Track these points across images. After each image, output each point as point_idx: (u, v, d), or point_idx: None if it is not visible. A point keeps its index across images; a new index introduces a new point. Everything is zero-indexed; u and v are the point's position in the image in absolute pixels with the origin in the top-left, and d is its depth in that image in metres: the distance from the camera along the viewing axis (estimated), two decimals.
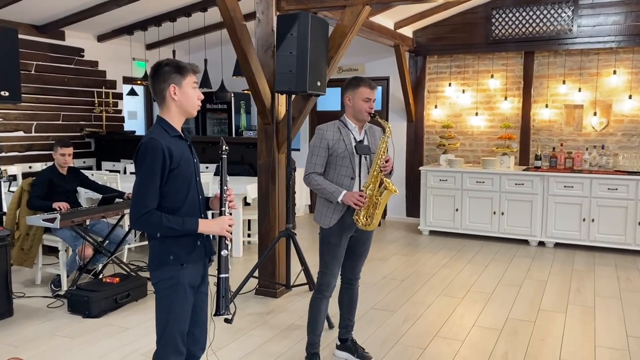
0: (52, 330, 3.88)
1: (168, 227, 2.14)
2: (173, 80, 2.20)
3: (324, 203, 3.15)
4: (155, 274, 2.24)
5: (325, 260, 3.17)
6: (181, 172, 2.19)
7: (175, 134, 2.23)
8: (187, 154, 2.25)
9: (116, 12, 6.49)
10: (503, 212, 6.69)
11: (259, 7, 4.51)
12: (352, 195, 3.02)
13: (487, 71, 7.37)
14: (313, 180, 3.10)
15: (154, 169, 2.11)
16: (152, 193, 2.12)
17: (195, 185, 2.29)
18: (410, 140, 7.86)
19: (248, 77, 4.34)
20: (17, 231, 4.77)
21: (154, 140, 2.13)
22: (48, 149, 7.07)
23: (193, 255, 2.24)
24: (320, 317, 3.24)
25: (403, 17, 6.83)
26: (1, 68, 4.83)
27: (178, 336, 2.26)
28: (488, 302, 4.56)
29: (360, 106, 3.09)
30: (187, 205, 2.23)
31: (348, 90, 3.14)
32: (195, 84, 2.25)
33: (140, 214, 2.11)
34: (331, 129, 3.12)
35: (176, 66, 2.21)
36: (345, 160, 3.09)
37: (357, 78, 3.17)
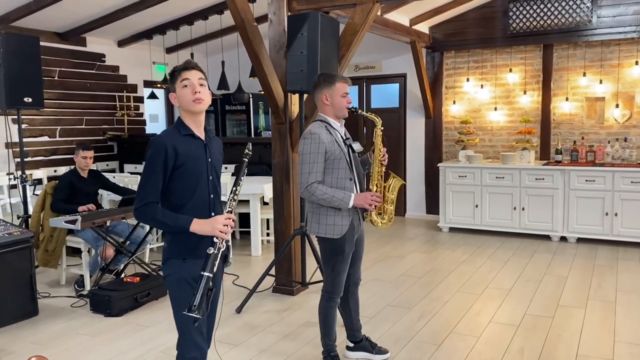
0: (74, 329, 3.99)
1: (161, 222, 2.22)
2: (171, 87, 2.32)
3: (327, 212, 2.97)
4: (163, 268, 2.34)
5: (339, 270, 3.05)
6: (187, 170, 2.24)
7: (187, 132, 2.29)
8: (197, 153, 2.29)
9: (135, 17, 6.62)
10: (524, 207, 6.60)
11: (270, 8, 4.55)
12: (364, 197, 2.92)
13: (506, 65, 7.28)
14: (317, 191, 2.89)
15: (153, 165, 2.21)
16: (151, 187, 2.21)
17: (206, 183, 2.32)
18: (429, 136, 7.82)
19: (261, 77, 4.39)
20: (42, 233, 4.91)
21: (158, 138, 2.24)
22: (72, 153, 7.19)
23: (198, 251, 2.25)
24: (334, 323, 3.20)
25: (418, 13, 6.80)
26: (24, 75, 5.02)
27: (197, 333, 2.30)
28: (506, 298, 4.52)
29: (340, 102, 2.99)
30: (193, 203, 2.28)
31: (323, 88, 3.00)
32: (186, 81, 2.25)
33: (137, 205, 2.22)
34: (323, 131, 2.95)
35: (170, 74, 2.33)
36: (342, 161, 2.96)
37: (329, 74, 3.07)
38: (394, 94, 8.05)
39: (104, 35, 7.44)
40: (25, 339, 3.81)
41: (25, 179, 5.14)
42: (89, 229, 4.50)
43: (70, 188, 4.81)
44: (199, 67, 2.32)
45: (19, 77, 4.95)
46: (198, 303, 2.09)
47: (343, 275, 3.09)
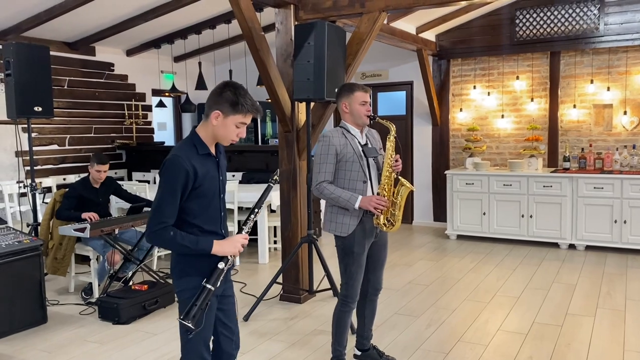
0: (83, 337, 4.01)
1: (181, 245, 2.16)
2: (222, 107, 2.18)
3: (338, 210, 3.10)
4: (178, 283, 2.27)
5: (351, 271, 3.10)
6: (203, 190, 2.22)
7: (205, 152, 2.23)
8: (212, 172, 2.26)
9: (144, 26, 6.69)
10: (532, 215, 6.58)
11: (277, 17, 4.59)
12: (369, 200, 3.00)
13: (513, 73, 7.28)
14: (325, 190, 3.05)
15: (174, 187, 2.13)
16: (170, 209, 2.14)
17: (217, 202, 2.31)
18: (436, 144, 7.82)
19: (268, 86, 4.42)
20: (51, 241, 4.95)
21: (178, 159, 2.14)
22: (81, 161, 7.32)
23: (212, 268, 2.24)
24: (347, 329, 3.22)
25: (425, 21, 6.82)
26: (35, 85, 5.07)
27: (202, 344, 2.29)
28: (514, 306, 4.50)
29: (359, 110, 3.10)
30: (206, 221, 2.26)
31: (343, 97, 3.14)
32: (242, 124, 2.22)
33: (154, 228, 2.14)
34: (336, 134, 3.10)
35: (235, 96, 2.18)
36: (355, 164, 3.08)
37: (349, 84, 3.19)
38: (400, 102, 8.07)
39: (113, 44, 7.51)
40: (35, 347, 3.83)
41: (35, 187, 5.18)
42: (97, 236, 4.53)
43: (78, 199, 4.83)
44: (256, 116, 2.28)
45: (30, 86, 5.00)
46: (194, 313, 2.08)
47: (357, 279, 3.13)
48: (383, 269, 3.34)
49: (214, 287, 2.16)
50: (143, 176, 7.45)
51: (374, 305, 3.39)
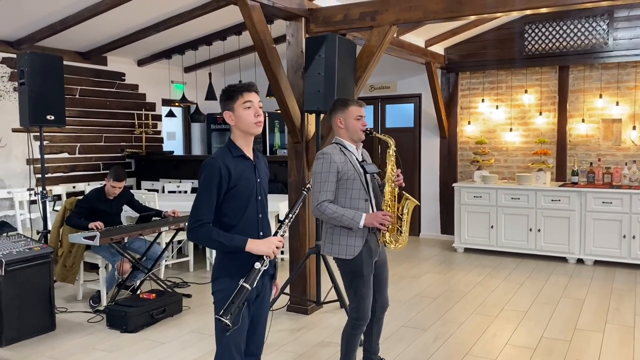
0: (91, 344, 4.03)
1: (216, 241, 2.24)
2: (227, 106, 2.33)
3: (340, 232, 2.97)
4: (213, 284, 2.35)
5: (362, 294, 2.99)
6: (239, 191, 2.29)
7: (238, 154, 2.33)
8: (248, 174, 2.34)
9: (155, 37, 6.77)
10: (540, 229, 6.56)
11: (289, 30, 4.64)
12: (375, 216, 2.90)
13: (521, 86, 7.30)
14: (327, 210, 2.89)
15: (209, 186, 2.24)
16: (206, 208, 2.24)
17: (255, 204, 2.36)
18: (444, 156, 7.83)
19: (278, 97, 4.46)
20: (61, 248, 4.99)
21: (212, 160, 2.26)
22: (91, 169, 7.38)
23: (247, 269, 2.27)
24: (356, 349, 3.16)
25: (434, 34, 6.87)
26: (48, 93, 5.13)
27: (234, 348, 2.32)
28: (522, 321, 4.48)
29: (355, 125, 3.03)
30: (243, 223, 2.32)
31: (337, 112, 3.06)
32: (248, 102, 2.29)
33: (192, 226, 2.25)
34: (336, 151, 2.98)
35: (227, 92, 2.33)
36: (356, 182, 2.97)
37: (343, 99, 3.14)
38: (409, 114, 8.09)
39: (125, 54, 7.59)
40: (43, 354, 3.85)
41: (46, 195, 5.23)
42: (107, 245, 4.56)
43: (90, 209, 4.87)
44: (258, 90, 2.36)
45: (43, 95, 5.06)
46: (232, 311, 2.12)
47: (368, 301, 3.04)
48: (387, 287, 3.29)
49: (251, 287, 2.20)
50: (152, 185, 7.49)
51: (381, 322, 3.36)
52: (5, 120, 6.32)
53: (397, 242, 3.07)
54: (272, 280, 2.50)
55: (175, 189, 7.26)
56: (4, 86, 6.35)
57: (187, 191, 7.23)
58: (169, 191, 7.23)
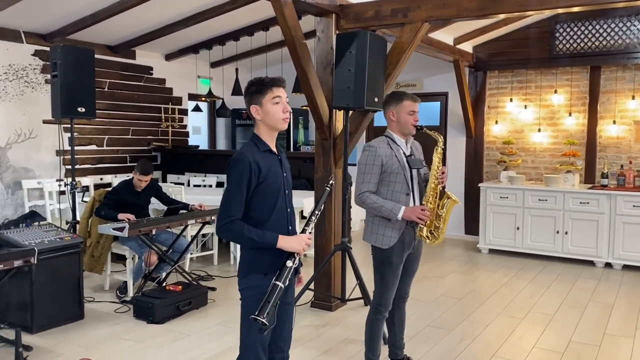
0: (119, 334, 4.08)
1: (248, 238, 2.22)
2: (254, 100, 2.30)
3: (380, 222, 3.07)
4: (241, 281, 2.34)
5: (387, 281, 3.09)
6: (268, 186, 2.28)
7: (265, 148, 2.32)
8: (275, 168, 2.33)
9: (183, 32, 6.81)
10: (567, 231, 6.45)
11: (319, 26, 4.63)
12: (413, 210, 2.97)
13: (551, 86, 7.18)
14: (368, 200, 3.01)
15: (239, 181, 2.22)
16: (237, 203, 2.23)
17: (283, 198, 2.36)
18: (470, 156, 7.75)
19: (307, 93, 4.45)
20: (89, 239, 5.06)
21: (242, 155, 2.25)
22: (118, 162, 7.47)
23: (277, 266, 2.27)
24: (380, 338, 3.21)
25: (463, 32, 6.79)
26: (79, 86, 5.20)
27: (259, 345, 2.32)
28: (550, 324, 4.41)
29: (406, 120, 3.08)
30: (274, 217, 2.31)
31: (391, 105, 3.12)
32: (277, 98, 2.28)
33: (223, 222, 2.23)
34: (382, 145, 3.06)
35: (255, 85, 2.30)
36: (400, 176, 3.04)
37: (398, 92, 3.16)
38: (434, 113, 8.03)
39: (153, 49, 7.66)
40: (73, 342, 3.92)
41: (75, 186, 5.30)
42: (135, 236, 4.61)
43: (118, 201, 4.93)
44: (286, 85, 2.36)
45: (74, 87, 5.13)
46: (268, 310, 2.12)
47: (392, 289, 3.12)
48: (412, 279, 3.34)
49: (284, 285, 2.20)
50: (178, 179, 7.55)
51: (403, 312, 3.38)
52: (36, 111, 6.42)
53: (434, 237, 3.08)
54: (296, 274, 2.49)
55: (200, 183, 7.31)
56: (35, 78, 6.45)
57: (212, 185, 7.28)
58: (194, 185, 7.29)
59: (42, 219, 5.83)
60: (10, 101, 6.19)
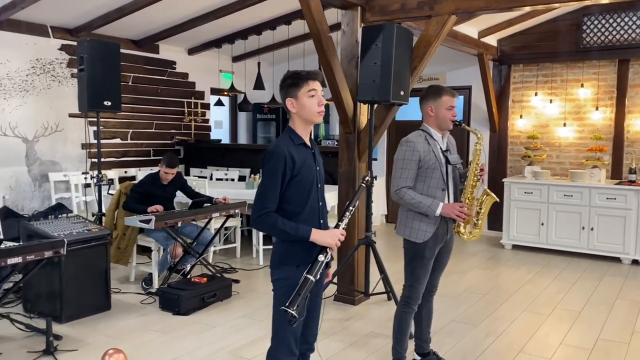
0: (146, 325, 4.13)
1: (282, 230, 2.24)
2: (289, 93, 2.30)
3: (414, 216, 3.04)
4: (273, 272, 2.36)
5: (418, 275, 3.09)
6: (302, 179, 2.29)
7: (300, 142, 2.33)
8: (309, 161, 2.34)
9: (206, 26, 6.85)
10: (593, 227, 6.35)
11: (344, 19, 4.61)
12: (452, 207, 2.95)
13: (577, 80, 7.06)
14: (406, 195, 2.99)
15: (275, 174, 2.23)
16: (272, 196, 2.24)
17: (316, 192, 2.37)
18: (494, 151, 7.66)
19: (332, 87, 4.43)
20: (115, 231, 5.12)
21: (277, 147, 2.25)
22: (142, 155, 7.55)
23: (311, 259, 2.28)
24: (408, 331, 3.21)
25: (488, 25, 6.71)
26: (105, 80, 5.25)
27: (291, 336, 2.34)
28: (576, 321, 4.36)
29: (445, 115, 3.05)
30: (307, 210, 2.33)
31: (429, 99, 3.08)
32: (313, 91, 2.28)
33: (258, 214, 2.25)
34: (420, 140, 3.03)
35: (291, 78, 2.30)
36: (436, 171, 3.01)
37: (437, 87, 3.13)
38: (457, 107, 7.85)
39: (176, 43, 7.71)
40: (101, 332, 3.98)
41: (101, 179, 5.37)
42: (160, 229, 4.66)
43: (145, 194, 4.98)
44: (321, 78, 2.36)
45: (101, 81, 5.18)
46: (299, 303, 2.13)
47: (422, 282, 3.11)
48: (442, 273, 3.33)
49: (315, 279, 2.20)
50: (200, 172, 7.61)
51: (430, 306, 3.37)
52: (62, 105, 6.52)
53: (471, 234, 3.07)
54: (326, 268, 2.49)
55: (222, 176, 7.35)
56: (62, 72, 6.54)
57: (234, 179, 7.32)
58: (217, 178, 7.33)
59: (68, 211, 5.93)
60: (38, 95, 6.29)
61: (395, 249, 6.67)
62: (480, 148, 3.12)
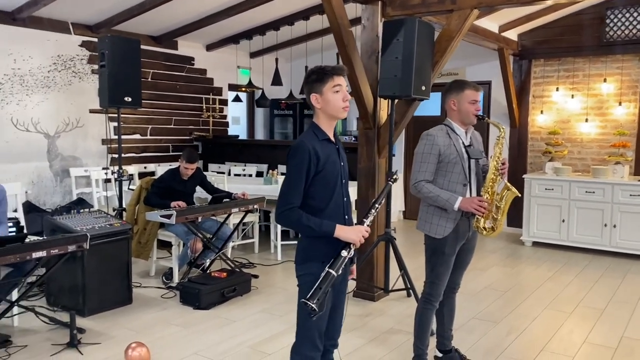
0: (167, 319, 4.16)
1: (306, 226, 2.23)
2: (314, 88, 2.29)
3: (434, 212, 3.02)
4: (299, 268, 2.35)
5: (438, 271, 3.06)
6: (326, 174, 2.28)
7: (324, 137, 2.31)
8: (333, 157, 2.33)
9: (224, 22, 6.85)
10: (615, 224, 6.25)
11: (364, 13, 4.58)
12: (471, 201, 2.91)
13: (599, 75, 6.94)
14: (424, 188, 2.96)
15: (299, 169, 2.22)
16: (296, 191, 2.23)
17: (340, 187, 2.36)
18: (514, 146, 7.58)
19: (352, 82, 4.41)
20: (136, 226, 5.16)
21: (302, 143, 2.24)
22: (161, 151, 7.60)
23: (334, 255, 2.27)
24: (429, 328, 3.19)
25: (509, 20, 6.62)
26: (126, 76, 5.29)
27: (316, 331, 2.33)
28: (600, 319, 4.29)
29: (468, 109, 3.01)
30: (332, 206, 2.31)
31: (452, 93, 3.05)
32: (338, 86, 2.27)
33: (282, 209, 2.24)
34: (441, 134, 3.00)
35: (316, 74, 2.29)
36: (457, 166, 2.97)
37: (460, 81, 3.10)
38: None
39: (194, 39, 7.74)
40: (123, 326, 4.01)
41: (122, 174, 5.42)
42: (181, 223, 4.69)
43: (166, 189, 5.01)
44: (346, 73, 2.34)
45: (121, 77, 5.22)
46: (319, 296, 2.12)
47: (443, 279, 3.09)
48: (464, 271, 3.30)
49: (337, 274, 2.19)
50: (219, 168, 7.64)
51: (452, 303, 3.34)
52: (83, 101, 6.58)
53: (491, 229, 3.02)
54: (351, 264, 2.49)
55: (240, 172, 7.38)
56: (82, 68, 6.60)
57: (251, 175, 7.34)
58: (235, 174, 7.36)
59: (89, 206, 5.99)
60: (59, 91, 6.36)
61: (414, 245, 6.64)
62: (502, 142, 3.07)
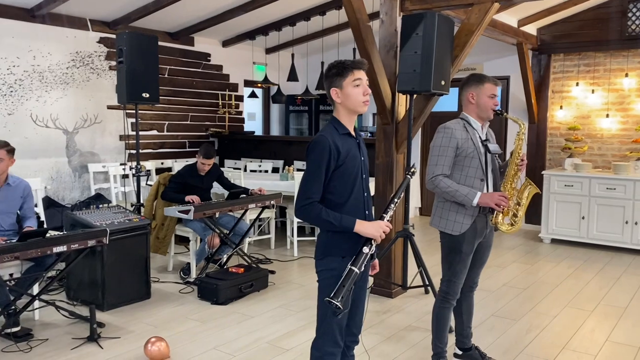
0: (185, 314, 4.18)
1: (326, 221, 2.21)
2: (334, 82, 2.27)
3: (450, 207, 2.96)
4: (318, 263, 2.33)
5: (455, 270, 3.01)
6: (346, 169, 2.26)
7: (344, 131, 2.30)
8: (354, 152, 2.31)
9: (240, 18, 6.85)
10: (637, 221, 6.15)
11: (382, 8, 4.53)
12: (491, 196, 2.85)
13: (621, 70, 6.82)
14: (441, 183, 2.89)
15: (319, 163, 2.21)
16: (316, 186, 2.22)
17: (360, 182, 2.34)
18: (532, 142, 7.48)
19: (370, 77, 4.36)
20: (154, 221, 5.19)
21: (322, 137, 2.22)
22: (178, 147, 7.63)
23: (356, 250, 2.25)
24: (447, 326, 3.15)
25: (528, 14, 6.53)
26: (144, 72, 5.31)
27: (336, 327, 2.32)
28: (622, 317, 4.23)
29: (486, 103, 2.95)
30: (352, 201, 2.29)
31: (471, 87, 2.99)
32: (358, 80, 2.25)
33: (302, 204, 2.23)
34: (458, 127, 2.94)
35: (336, 68, 2.27)
36: (474, 160, 2.91)
37: (479, 75, 3.04)
38: None
39: (211, 35, 7.75)
40: (142, 320, 4.04)
41: (140, 170, 5.44)
42: (199, 219, 4.70)
43: (183, 184, 5.02)
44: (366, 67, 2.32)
45: (139, 73, 5.24)
46: (343, 294, 2.10)
47: (460, 277, 3.04)
48: (482, 268, 3.25)
49: (359, 270, 2.17)
50: (235, 164, 7.65)
51: (470, 301, 3.30)
52: (101, 97, 6.62)
53: (510, 225, 2.98)
54: (372, 260, 2.47)
55: (256, 168, 7.38)
56: (100, 65, 6.64)
57: (267, 170, 7.34)
58: (251, 170, 7.36)
59: (107, 201, 6.03)
60: (77, 87, 6.40)
61: (430, 241, 6.60)
62: (522, 137, 3.01)
